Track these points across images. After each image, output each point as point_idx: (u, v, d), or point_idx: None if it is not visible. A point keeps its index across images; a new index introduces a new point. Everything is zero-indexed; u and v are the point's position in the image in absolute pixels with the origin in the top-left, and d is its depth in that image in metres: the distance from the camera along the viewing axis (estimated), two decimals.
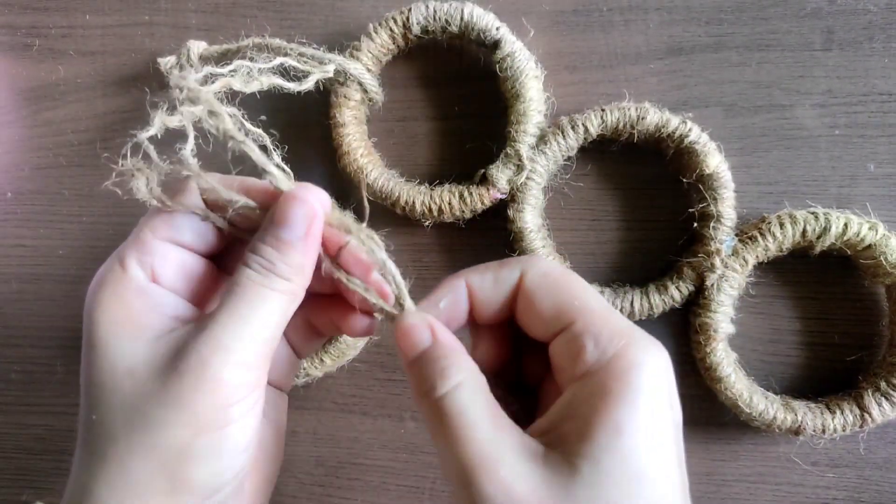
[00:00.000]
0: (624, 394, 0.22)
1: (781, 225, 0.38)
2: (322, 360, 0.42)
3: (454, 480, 0.22)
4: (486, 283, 0.26)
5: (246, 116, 0.26)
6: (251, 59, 0.29)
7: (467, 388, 0.23)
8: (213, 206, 0.26)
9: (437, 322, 0.26)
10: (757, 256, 0.38)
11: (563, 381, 0.25)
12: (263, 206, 0.26)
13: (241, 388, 0.24)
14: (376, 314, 0.27)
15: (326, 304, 0.29)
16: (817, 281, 0.41)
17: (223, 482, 0.24)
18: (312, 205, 0.25)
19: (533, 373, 0.28)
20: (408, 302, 0.26)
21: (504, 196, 0.40)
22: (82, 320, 0.25)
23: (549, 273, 0.26)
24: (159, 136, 0.25)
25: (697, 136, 0.38)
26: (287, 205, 0.25)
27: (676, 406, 0.23)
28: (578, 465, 0.21)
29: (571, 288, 0.25)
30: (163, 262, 0.26)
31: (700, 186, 0.39)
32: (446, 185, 0.41)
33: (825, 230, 0.37)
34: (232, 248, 0.28)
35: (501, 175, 0.39)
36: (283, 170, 0.25)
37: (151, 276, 0.25)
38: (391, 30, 0.40)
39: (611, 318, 0.24)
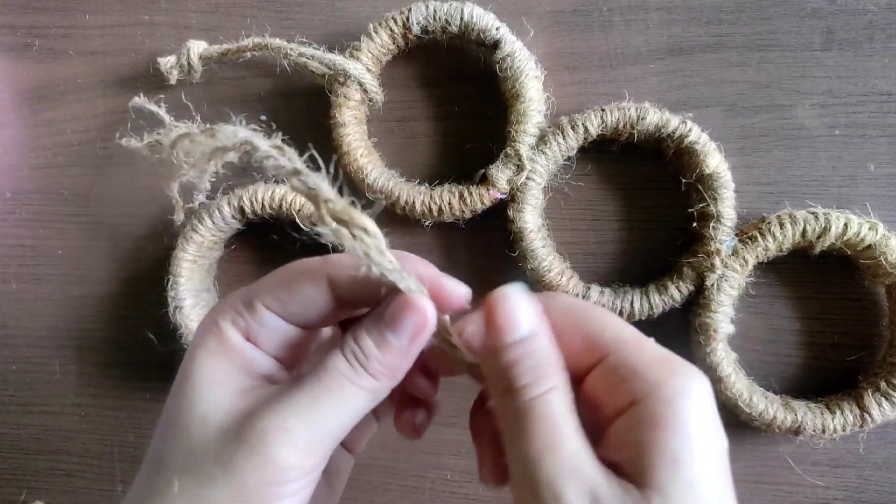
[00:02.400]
0: (675, 424, 0.22)
1: (781, 225, 0.38)
2: None
3: (526, 484, 0.22)
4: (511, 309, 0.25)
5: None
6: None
7: (563, 392, 0.23)
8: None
9: (540, 311, 0.24)
10: (757, 256, 0.38)
11: (603, 416, 0.24)
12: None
13: (294, 472, 0.23)
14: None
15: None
16: (817, 281, 0.41)
17: None
18: (426, 315, 0.24)
19: None
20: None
21: (504, 196, 0.40)
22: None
23: (573, 308, 0.25)
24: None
25: (697, 136, 0.38)
26: (402, 309, 0.24)
27: (722, 433, 0.23)
28: (648, 496, 0.21)
29: (600, 320, 0.25)
30: (266, 332, 0.25)
31: (700, 186, 0.39)
32: (446, 185, 0.41)
33: (825, 230, 0.37)
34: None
35: (501, 175, 0.39)
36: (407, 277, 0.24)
37: (251, 339, 0.25)
38: (391, 30, 0.40)
39: (647, 347, 0.24)
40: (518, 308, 0.24)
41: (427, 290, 0.24)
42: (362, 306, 0.25)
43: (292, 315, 0.25)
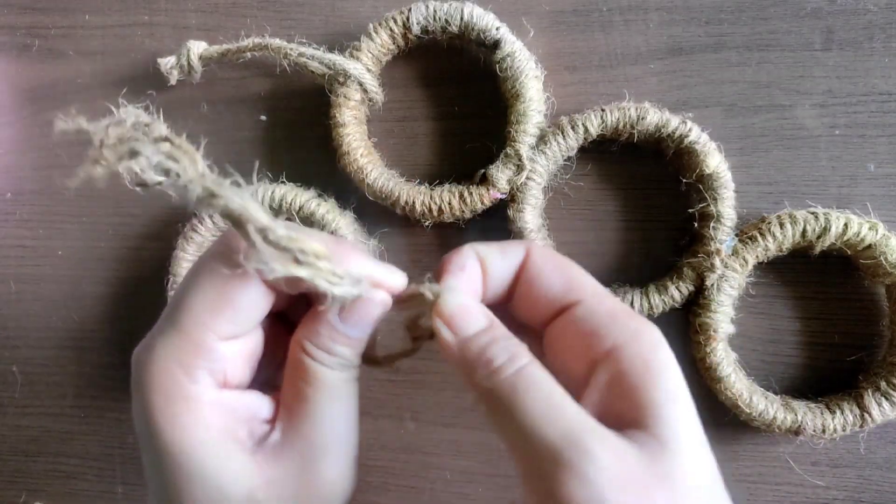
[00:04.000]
0: (664, 366, 0.23)
1: (781, 225, 0.38)
2: None
3: (535, 465, 0.21)
4: (495, 257, 0.26)
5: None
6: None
7: (539, 365, 0.23)
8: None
9: (484, 307, 0.25)
10: (757, 256, 0.38)
11: (570, 359, 0.25)
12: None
13: (344, 482, 0.26)
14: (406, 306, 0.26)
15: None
16: (817, 281, 0.41)
17: None
18: (384, 304, 0.25)
19: None
20: (437, 286, 0.25)
21: (504, 196, 0.40)
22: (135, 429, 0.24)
23: (554, 253, 0.27)
24: None
25: (697, 136, 0.38)
26: (362, 307, 0.25)
27: None
28: (659, 435, 0.21)
29: (576, 268, 0.26)
30: (231, 362, 0.24)
31: (700, 186, 0.39)
32: (446, 185, 0.41)
33: (825, 230, 0.37)
34: None
35: (501, 175, 0.39)
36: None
37: (223, 383, 0.24)
38: (391, 30, 0.40)
39: (610, 298, 0.25)
40: (468, 307, 0.25)
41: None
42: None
43: (245, 327, 0.24)
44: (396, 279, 0.26)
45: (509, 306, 0.28)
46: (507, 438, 0.23)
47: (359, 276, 0.23)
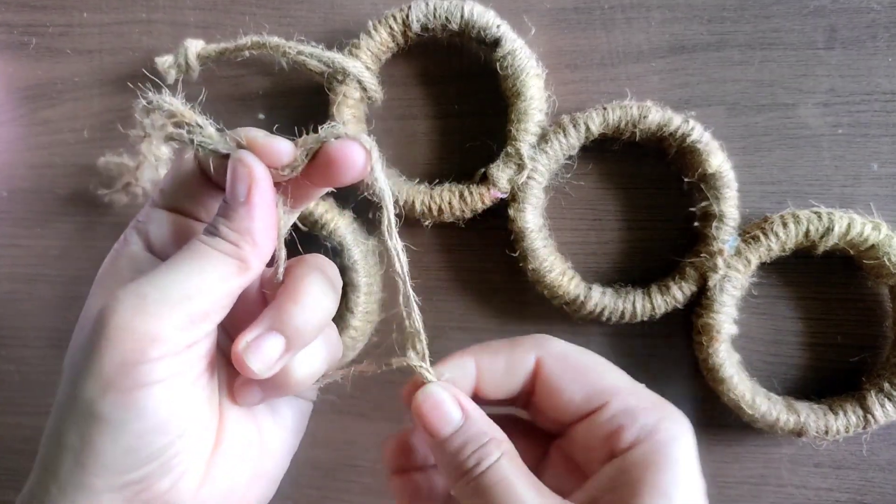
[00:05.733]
0: (668, 464, 0.24)
1: (784, 225, 0.37)
2: None
3: None
4: (497, 368, 0.27)
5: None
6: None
7: (507, 459, 0.24)
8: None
9: (461, 394, 0.26)
10: (760, 256, 0.38)
11: (590, 458, 0.26)
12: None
13: (157, 345, 0.22)
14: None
15: None
16: (820, 281, 0.40)
17: (138, 460, 0.22)
18: (252, 167, 0.24)
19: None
20: (427, 367, 0.26)
21: (504, 195, 0.40)
22: (78, 318, 0.25)
23: (568, 356, 0.27)
24: None
25: (700, 135, 0.38)
26: (230, 170, 0.24)
27: (699, 473, 0.25)
28: None
29: (596, 369, 0.26)
30: (158, 230, 0.26)
31: (702, 186, 0.38)
32: (446, 185, 0.41)
33: (828, 230, 0.37)
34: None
35: (502, 174, 0.39)
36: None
37: (147, 245, 0.25)
38: (391, 27, 0.40)
39: (641, 394, 0.26)
40: (442, 403, 0.25)
41: (251, 150, 0.24)
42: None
43: (185, 205, 0.26)
44: (280, 144, 0.25)
45: (528, 411, 0.28)
46: None
47: (235, 136, 0.24)
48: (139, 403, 0.22)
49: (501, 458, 0.24)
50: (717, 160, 0.38)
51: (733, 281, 0.38)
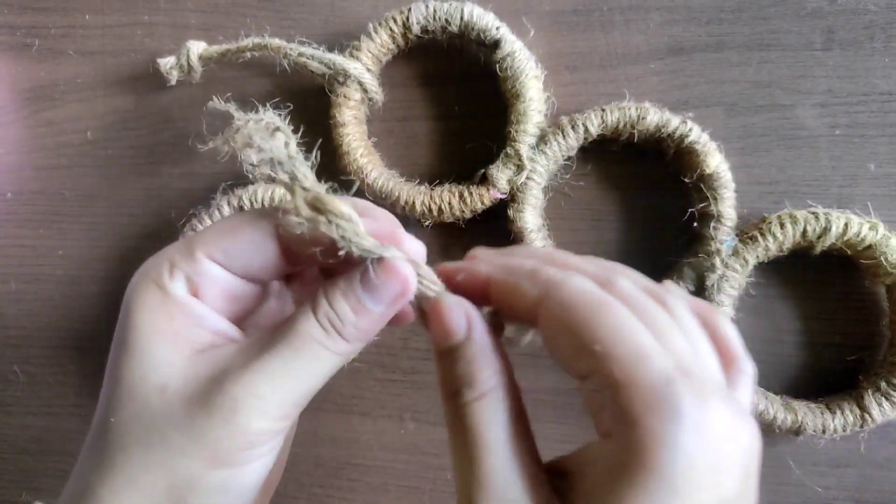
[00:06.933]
0: (640, 480, 0.18)
1: (782, 225, 0.38)
2: None
3: (458, 490, 0.22)
4: (507, 292, 0.23)
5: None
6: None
7: (492, 401, 0.22)
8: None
9: (476, 314, 0.23)
10: (757, 256, 0.38)
11: (596, 425, 0.22)
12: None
13: (266, 436, 0.23)
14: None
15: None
16: (817, 281, 0.41)
17: None
18: (408, 283, 0.23)
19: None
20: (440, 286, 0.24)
21: (504, 196, 0.40)
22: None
23: (572, 307, 0.21)
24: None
25: (698, 135, 0.38)
26: (384, 276, 0.23)
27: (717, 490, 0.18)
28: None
29: (596, 327, 0.20)
30: (210, 284, 0.24)
31: (701, 186, 0.38)
32: (446, 185, 0.41)
33: (826, 230, 0.37)
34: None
35: (501, 175, 0.39)
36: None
37: (194, 292, 0.24)
38: (391, 29, 0.40)
39: (641, 370, 0.19)
40: (449, 314, 0.23)
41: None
42: (310, 261, 0.24)
43: (236, 265, 0.24)
44: (415, 246, 0.24)
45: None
46: (451, 456, 0.23)
47: (380, 240, 0.23)
48: (242, 476, 0.23)
49: (487, 394, 0.22)
50: (715, 161, 0.38)
51: (731, 281, 0.38)
